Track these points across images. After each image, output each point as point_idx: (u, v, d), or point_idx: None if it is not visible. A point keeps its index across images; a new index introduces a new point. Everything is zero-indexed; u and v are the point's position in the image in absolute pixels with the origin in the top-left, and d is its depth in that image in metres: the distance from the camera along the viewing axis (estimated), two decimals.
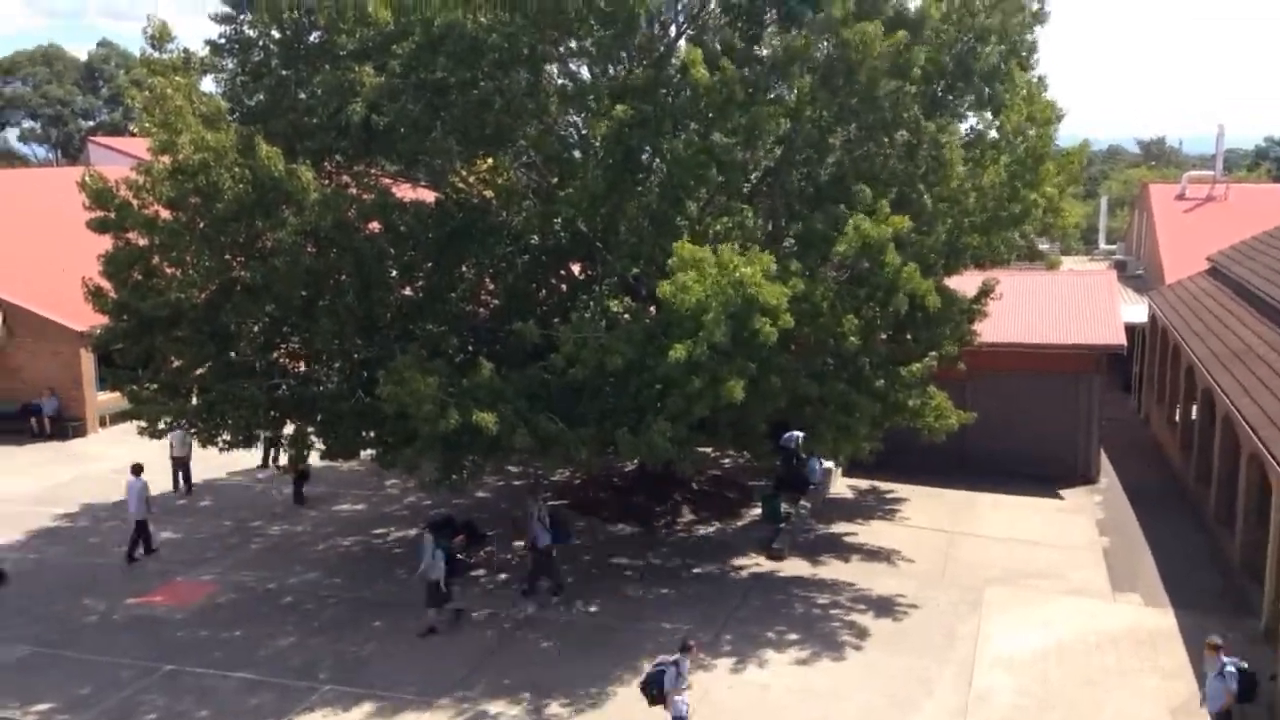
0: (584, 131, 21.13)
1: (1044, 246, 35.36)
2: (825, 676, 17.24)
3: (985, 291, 22.33)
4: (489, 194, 21.15)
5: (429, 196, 21.82)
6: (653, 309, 19.61)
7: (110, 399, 31.47)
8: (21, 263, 33.25)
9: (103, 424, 32.91)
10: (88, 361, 31.90)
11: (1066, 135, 23.01)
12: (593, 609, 19.89)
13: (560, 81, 21.07)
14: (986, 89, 21.43)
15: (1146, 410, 34.68)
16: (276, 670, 17.49)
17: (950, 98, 21.58)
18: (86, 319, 27.28)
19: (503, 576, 21.44)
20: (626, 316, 19.01)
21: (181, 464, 26.49)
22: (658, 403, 17.87)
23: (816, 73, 19.16)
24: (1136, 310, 34.54)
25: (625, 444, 17.97)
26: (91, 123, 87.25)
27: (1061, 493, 26.52)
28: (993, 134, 21.85)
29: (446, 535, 22.35)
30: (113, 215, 19.30)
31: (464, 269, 21.23)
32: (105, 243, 19.84)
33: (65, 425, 32.02)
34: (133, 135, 55.81)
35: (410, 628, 18.97)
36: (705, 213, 20.69)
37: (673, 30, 21.77)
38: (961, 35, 20.77)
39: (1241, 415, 19.66)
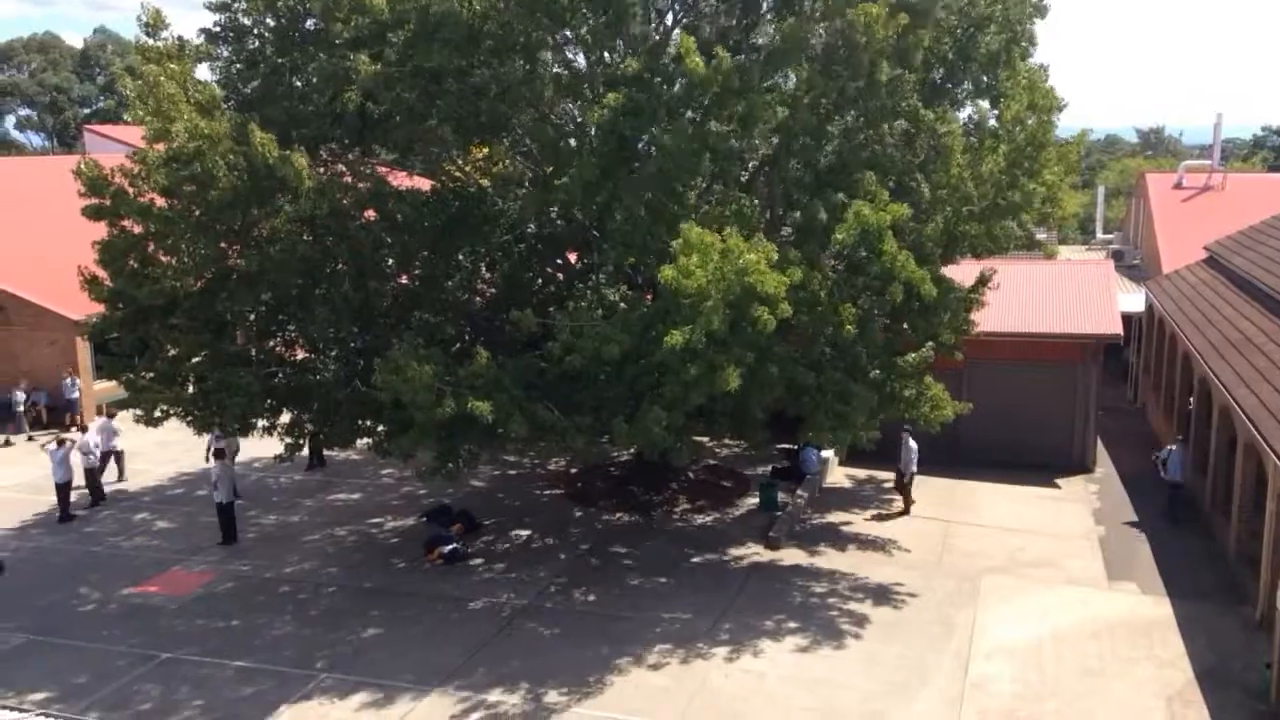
0: (579, 120, 21.09)
1: (1041, 235, 35.34)
2: (822, 664, 17.25)
3: (983, 282, 22.29)
4: (485, 182, 21.10)
5: (425, 185, 21.76)
6: (649, 297, 19.58)
7: (108, 387, 31.39)
8: (17, 251, 33.15)
9: (100, 412, 32.82)
10: (84, 350, 31.85)
11: (1064, 126, 22.97)
12: (591, 598, 19.89)
13: (556, 70, 21.01)
14: (985, 77, 21.41)
15: (1143, 400, 34.70)
16: (273, 659, 17.48)
17: (949, 85, 21.55)
18: (83, 307, 27.24)
19: (499, 566, 21.41)
20: (623, 305, 18.96)
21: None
22: (654, 391, 17.85)
23: (815, 60, 19.09)
24: (1133, 300, 34.54)
25: (622, 432, 17.96)
26: (88, 110, 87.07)
27: (1058, 482, 26.53)
28: (991, 122, 21.81)
29: (443, 524, 22.51)
30: (108, 203, 19.22)
31: (460, 258, 21.19)
32: (101, 231, 19.77)
33: (61, 414, 31.93)
34: (128, 123, 55.70)
35: (408, 617, 18.99)
36: (702, 201, 20.65)
37: (669, 18, 21.69)
38: (962, 23, 20.73)
39: (1239, 405, 19.65)
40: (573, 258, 22.73)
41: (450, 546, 21.54)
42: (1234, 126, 74.61)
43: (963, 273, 22.28)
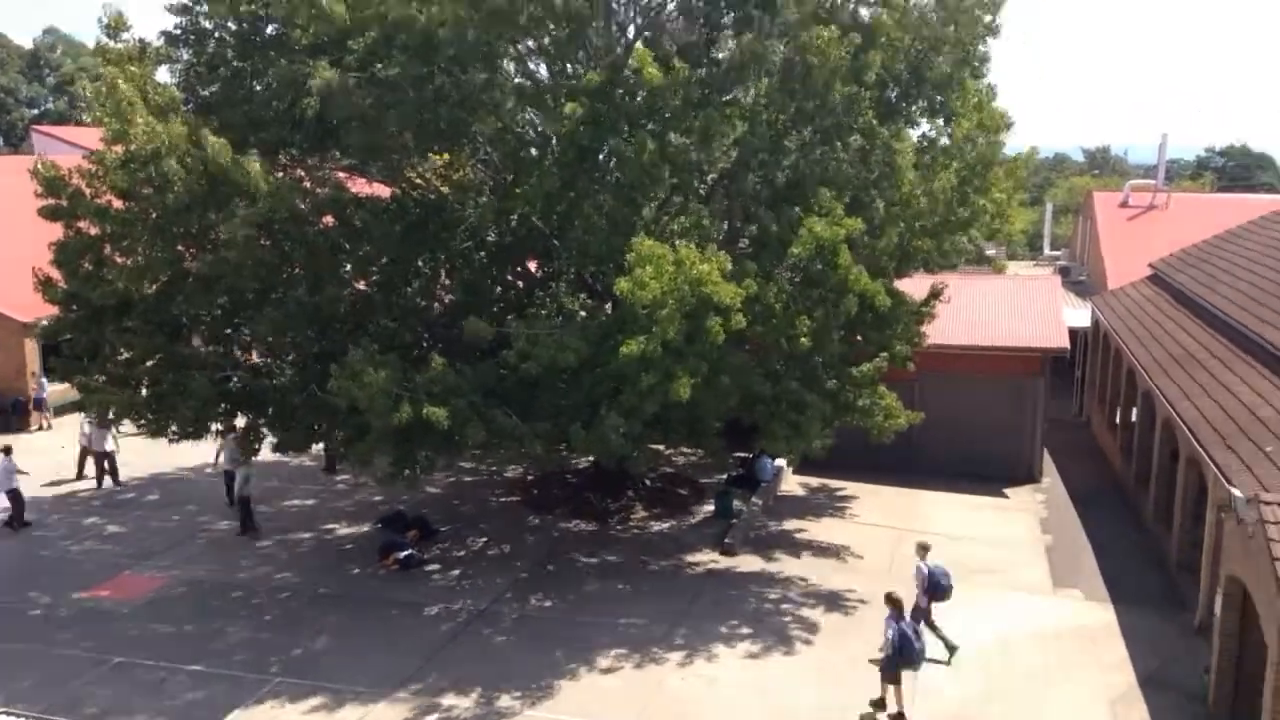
0: (540, 129, 21.24)
1: (990, 251, 35.97)
2: (776, 669, 17.48)
3: (934, 294, 22.75)
4: (445, 189, 21.17)
5: (384, 192, 21.79)
6: (608, 307, 19.76)
7: (57, 390, 31.00)
8: None
9: (50, 415, 32.41)
10: (33, 352, 31.42)
11: (1014, 144, 23.49)
12: (547, 604, 19.99)
13: (517, 80, 21.16)
14: (939, 97, 21.85)
15: (1088, 413, 35.43)
16: (226, 664, 17.39)
17: (904, 104, 21.97)
18: (31, 310, 26.94)
19: (454, 573, 21.44)
20: (583, 314, 19.12)
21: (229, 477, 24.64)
22: (611, 399, 18.02)
23: (774, 76, 19.42)
24: (1079, 315, 35.28)
25: (579, 439, 18.12)
26: (35, 111, 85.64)
27: (1006, 492, 27.04)
28: (944, 141, 22.26)
29: (399, 530, 22.50)
30: (64, 203, 19.09)
31: (420, 264, 21.24)
32: (50, 232, 19.61)
33: (7, 417, 31.47)
34: (79, 124, 54.93)
35: (362, 622, 18.97)
36: (661, 213, 20.90)
37: (630, 31, 21.93)
38: (915, 44, 21.15)
39: (1180, 418, 20.20)
40: (533, 266, 22.86)
41: (405, 553, 21.55)
42: (1177, 148, 76.17)
43: (914, 286, 22.70)
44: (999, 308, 29.10)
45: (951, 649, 17.83)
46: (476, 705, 16.23)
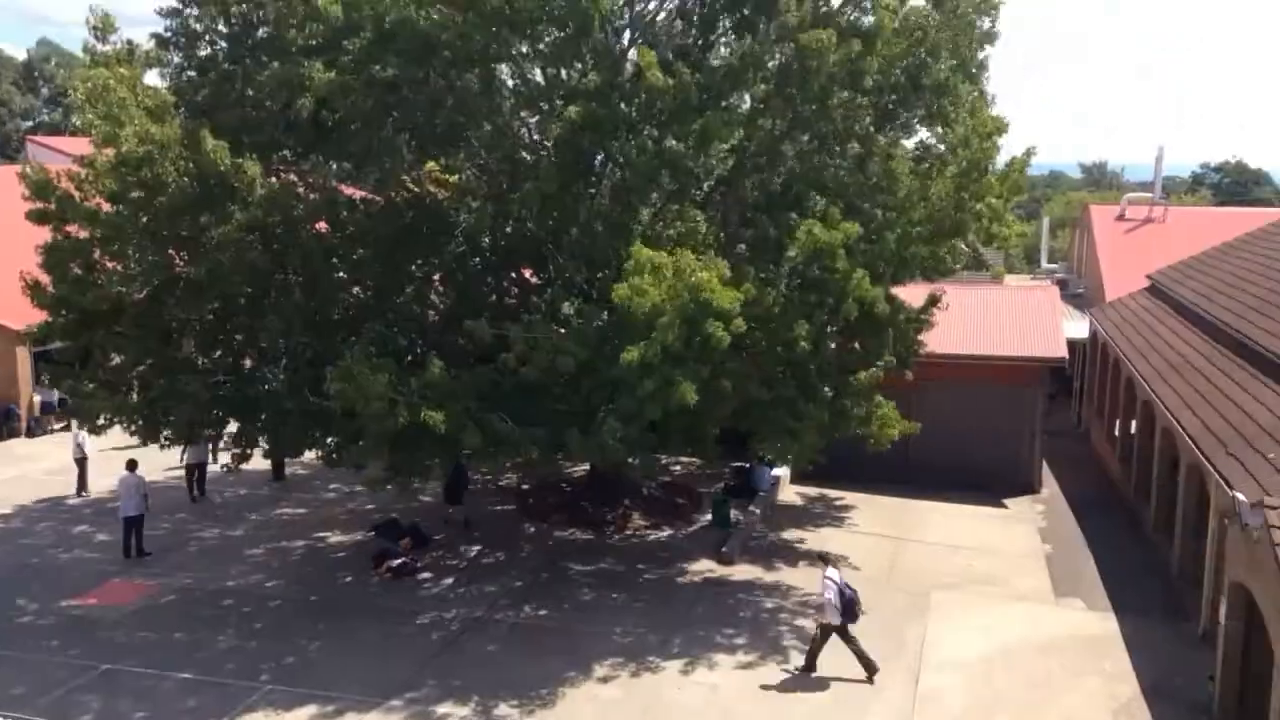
0: (536, 135, 21.11)
1: (989, 259, 35.78)
2: (775, 678, 17.23)
3: (932, 301, 22.58)
4: (440, 193, 20.99)
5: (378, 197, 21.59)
6: (604, 312, 19.57)
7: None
8: None
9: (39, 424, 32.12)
10: (24, 360, 31.19)
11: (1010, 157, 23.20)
12: (542, 612, 19.72)
13: (513, 83, 21.03)
14: (936, 103, 21.71)
15: (1086, 424, 35.27)
16: (217, 671, 17.10)
17: (901, 111, 21.84)
18: (22, 317, 26.65)
19: (448, 581, 21.18)
20: (579, 320, 18.94)
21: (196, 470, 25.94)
22: (609, 404, 17.82)
23: (770, 81, 19.29)
24: (1077, 326, 35.17)
25: (576, 444, 17.89)
26: (30, 123, 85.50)
27: (1005, 501, 26.83)
28: (940, 147, 22.10)
29: (392, 538, 22.26)
30: (53, 207, 18.88)
31: (414, 269, 21.06)
32: (42, 240, 19.38)
33: None
34: (73, 134, 54.68)
35: (355, 630, 18.70)
36: (657, 218, 20.74)
37: (626, 35, 21.82)
38: (913, 49, 21.00)
39: (1181, 426, 20.04)
40: (528, 273, 22.67)
41: (399, 560, 21.29)
42: (1174, 164, 76.40)
43: (912, 294, 22.54)
44: (997, 317, 28.96)
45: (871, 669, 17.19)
46: (474, 714, 15.95)
